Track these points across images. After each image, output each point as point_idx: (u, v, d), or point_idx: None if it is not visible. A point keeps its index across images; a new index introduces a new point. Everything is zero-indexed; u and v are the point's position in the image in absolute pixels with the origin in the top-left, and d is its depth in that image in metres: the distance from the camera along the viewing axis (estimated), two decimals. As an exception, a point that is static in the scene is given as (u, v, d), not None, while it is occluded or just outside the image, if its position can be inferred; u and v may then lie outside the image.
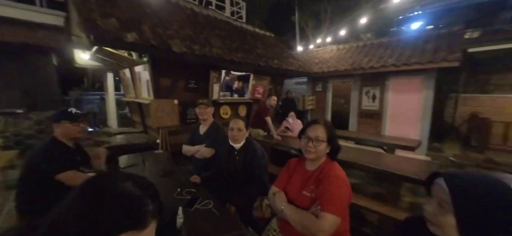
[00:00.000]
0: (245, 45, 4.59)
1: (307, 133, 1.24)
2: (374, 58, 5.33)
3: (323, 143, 1.18)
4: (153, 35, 2.85)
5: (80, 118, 1.66)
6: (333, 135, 1.22)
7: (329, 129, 1.22)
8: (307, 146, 1.20)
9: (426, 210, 0.61)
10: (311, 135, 1.20)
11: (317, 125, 1.23)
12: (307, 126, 1.28)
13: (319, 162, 1.23)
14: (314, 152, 1.19)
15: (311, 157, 1.21)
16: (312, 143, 1.19)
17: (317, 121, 1.26)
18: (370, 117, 5.87)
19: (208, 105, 2.25)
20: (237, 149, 1.82)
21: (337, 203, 1.03)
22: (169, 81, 3.60)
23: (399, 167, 2.34)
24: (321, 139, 1.18)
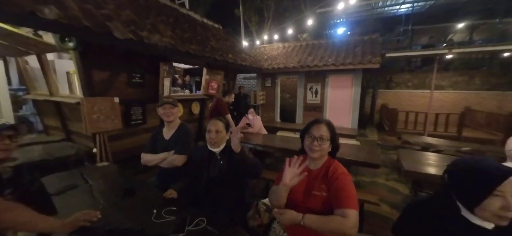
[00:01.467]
0: (198, 37, 4.19)
1: (311, 132, 1.23)
2: (317, 58, 5.95)
3: (327, 141, 1.20)
4: (82, 14, 2.17)
5: (5, 131, 1.19)
6: (334, 134, 1.25)
7: (331, 128, 1.25)
8: (312, 145, 1.21)
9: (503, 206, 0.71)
10: (316, 134, 1.21)
11: (320, 124, 1.24)
12: (310, 125, 1.27)
13: (322, 160, 1.25)
14: (319, 150, 1.20)
15: (316, 156, 1.22)
16: (317, 142, 1.19)
17: (320, 120, 1.27)
18: (314, 110, 6.57)
19: (174, 105, 1.92)
20: (218, 153, 1.63)
21: (354, 198, 1.08)
22: (105, 75, 2.87)
23: (355, 154, 2.72)
24: (325, 138, 1.20)
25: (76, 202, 1.50)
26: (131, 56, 3.04)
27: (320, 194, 1.17)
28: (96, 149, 2.78)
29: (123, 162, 3.28)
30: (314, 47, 6.74)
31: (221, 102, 3.81)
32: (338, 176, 1.15)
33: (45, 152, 2.64)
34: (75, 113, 3.12)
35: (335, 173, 1.17)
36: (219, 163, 1.61)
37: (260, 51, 7.62)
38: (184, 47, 3.27)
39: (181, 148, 1.86)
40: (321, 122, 1.25)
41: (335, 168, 1.20)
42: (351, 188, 1.12)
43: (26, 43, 2.66)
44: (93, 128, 2.67)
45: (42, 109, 3.93)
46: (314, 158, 1.24)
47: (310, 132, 1.24)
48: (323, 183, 1.19)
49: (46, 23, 1.81)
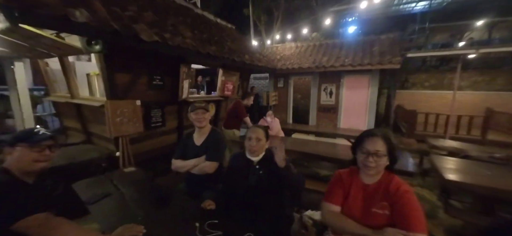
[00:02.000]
0: (215, 37, 4.13)
1: (364, 146, 1.13)
2: (333, 58, 5.81)
3: (383, 157, 1.10)
4: (110, 16, 2.13)
5: (45, 141, 1.14)
6: (393, 147, 1.14)
7: (388, 141, 1.13)
8: (367, 161, 1.11)
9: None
10: (370, 149, 1.11)
11: (375, 138, 1.13)
12: (363, 137, 1.17)
13: (379, 175, 1.15)
14: (375, 167, 1.10)
15: (372, 173, 1.13)
16: (372, 157, 1.09)
17: (375, 133, 1.15)
18: (328, 111, 6.44)
19: (206, 110, 1.85)
20: (256, 161, 1.55)
21: (423, 221, 0.98)
22: (127, 77, 2.84)
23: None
24: (381, 154, 1.10)
25: (112, 212, 1.46)
26: (152, 58, 3.00)
27: (383, 213, 1.07)
28: (119, 152, 2.75)
29: (143, 165, 3.25)
30: (328, 47, 6.59)
31: (240, 104, 3.75)
32: (403, 194, 1.06)
33: (67, 155, 2.62)
34: (96, 115, 3.10)
35: (398, 190, 1.08)
36: (258, 172, 1.53)
37: (272, 51, 7.52)
38: (205, 49, 3.21)
39: (213, 154, 1.80)
40: (376, 135, 1.13)
41: (397, 184, 1.11)
42: (419, 209, 1.02)
43: (50, 45, 2.64)
44: (117, 131, 2.64)
45: (62, 111, 3.95)
46: (369, 175, 1.15)
47: (363, 146, 1.14)
48: (384, 200, 1.10)
49: (77, 26, 1.77)
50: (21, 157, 1.11)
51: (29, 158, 1.11)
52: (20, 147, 1.11)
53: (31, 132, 1.17)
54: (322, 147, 3.44)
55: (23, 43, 2.74)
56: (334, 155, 2.95)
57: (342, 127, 6.14)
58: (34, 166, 1.13)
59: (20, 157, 1.10)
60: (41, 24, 1.59)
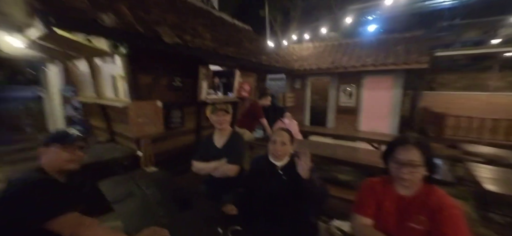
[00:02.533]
0: (233, 38, 4.14)
1: (396, 156, 1.02)
2: (353, 58, 5.59)
3: (419, 167, 0.98)
4: (135, 20, 2.18)
5: (77, 141, 1.19)
6: (430, 155, 1.02)
7: (424, 149, 1.00)
8: (400, 172, 0.99)
9: None
10: (402, 158, 0.99)
11: (408, 146, 1.00)
12: (394, 145, 1.05)
13: (416, 186, 1.04)
14: (409, 179, 0.99)
15: (407, 185, 1.02)
16: (406, 168, 0.98)
17: (407, 140, 1.02)
18: (347, 113, 6.20)
19: (227, 111, 1.83)
20: (279, 166, 1.49)
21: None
22: (149, 79, 2.91)
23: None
24: (416, 164, 0.98)
25: (136, 211, 1.48)
26: (172, 60, 3.06)
27: (420, 228, 0.96)
28: (140, 152, 2.83)
29: (163, 164, 3.32)
30: (348, 47, 6.35)
31: (256, 105, 3.71)
32: (447, 210, 0.94)
33: (94, 154, 2.74)
34: (120, 115, 3.22)
35: (441, 205, 0.96)
36: (282, 178, 1.47)
37: (289, 52, 7.40)
38: (223, 50, 3.21)
39: (234, 157, 1.77)
40: (409, 142, 1.00)
41: (440, 197, 0.99)
42: (465, 230, 0.90)
43: (80, 49, 2.78)
44: (139, 131, 2.71)
45: (88, 111, 4.16)
46: (404, 186, 1.04)
47: (395, 156, 1.02)
48: (423, 213, 0.99)
49: (105, 30, 1.84)
50: (55, 156, 1.15)
51: (62, 157, 1.15)
52: (54, 147, 1.15)
53: (64, 132, 1.21)
54: (341, 151, 3.31)
55: (57, 47, 2.92)
56: (355, 159, 2.82)
57: (363, 130, 5.88)
58: (66, 165, 1.17)
59: (53, 157, 1.14)
60: (73, 28, 1.66)
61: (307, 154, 1.31)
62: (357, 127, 6.12)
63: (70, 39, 2.50)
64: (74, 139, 1.19)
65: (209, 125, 4.22)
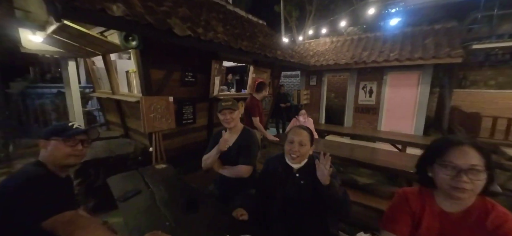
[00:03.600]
0: (246, 33, 3.99)
1: (450, 160, 0.78)
2: (375, 52, 5.21)
3: (481, 173, 0.76)
4: (145, 10, 2.11)
5: (78, 135, 1.10)
6: (490, 160, 0.80)
7: (484, 152, 0.78)
8: (457, 182, 0.76)
9: None
10: (461, 164, 0.75)
11: (466, 148, 0.77)
12: (442, 147, 0.83)
13: (470, 200, 0.82)
14: (471, 189, 0.77)
15: (465, 197, 0.79)
16: (467, 176, 0.76)
17: (462, 140, 0.80)
18: (367, 112, 5.83)
19: (233, 109, 1.68)
20: (296, 169, 1.32)
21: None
22: (161, 74, 2.86)
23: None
24: (480, 169, 0.76)
25: (141, 211, 1.39)
26: (184, 54, 2.98)
27: None
28: (152, 148, 2.78)
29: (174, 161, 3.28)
30: (369, 41, 5.95)
31: (254, 102, 3.14)
32: None
33: (108, 148, 2.74)
34: (133, 111, 3.22)
35: (502, 225, 0.74)
36: (299, 182, 1.30)
37: (305, 47, 7.13)
38: (237, 44, 3.08)
39: (247, 157, 1.62)
40: (465, 143, 0.78)
41: (501, 215, 0.76)
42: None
43: (94, 43, 2.79)
44: (150, 127, 2.67)
45: (105, 106, 4.25)
46: (459, 199, 0.82)
47: (448, 159, 0.78)
48: (476, 234, 0.78)
49: (114, 20, 1.77)
50: (55, 150, 1.07)
51: (62, 152, 1.08)
52: (54, 140, 1.08)
53: (65, 126, 1.13)
54: (359, 151, 3.06)
55: (73, 42, 2.95)
56: (376, 162, 2.57)
57: (383, 130, 5.50)
58: (66, 160, 1.10)
59: (54, 151, 1.07)
60: (80, 17, 1.61)
61: (328, 156, 1.14)
62: (377, 126, 5.74)
63: (84, 33, 2.50)
64: (75, 133, 1.11)
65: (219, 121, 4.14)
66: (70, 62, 4.48)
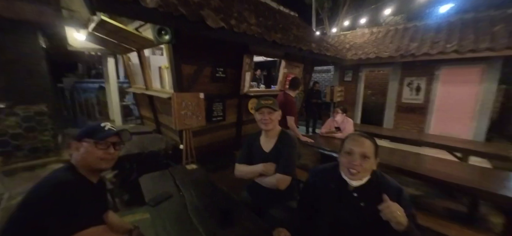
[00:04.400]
0: (279, 25, 3.72)
1: None
2: (426, 43, 4.51)
3: None
4: (178, 1, 1.99)
5: (110, 137, 1.01)
6: None
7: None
8: None
9: None
10: None
11: None
12: None
13: None
14: None
15: None
16: None
17: None
18: (412, 112, 5.15)
19: (274, 109, 1.46)
20: (354, 186, 1.06)
21: None
22: (192, 69, 2.77)
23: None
24: None
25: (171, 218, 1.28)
26: (215, 49, 2.85)
27: None
28: (182, 145, 2.73)
29: (203, 158, 3.22)
30: (418, 31, 5.20)
31: (289, 99, 2.91)
32: None
33: (140, 144, 2.76)
34: (165, 107, 3.22)
35: None
36: (357, 204, 1.04)
37: (340, 39, 6.57)
38: (271, 36, 2.85)
39: (286, 166, 1.40)
40: None
41: None
42: None
43: (130, 39, 2.81)
44: (181, 124, 2.61)
45: (139, 101, 4.39)
46: None
47: None
48: None
49: (147, 12, 1.68)
50: (87, 153, 0.99)
51: (94, 155, 0.99)
52: (86, 142, 0.99)
53: (98, 127, 1.04)
54: (400, 157, 2.61)
55: (111, 39, 3.03)
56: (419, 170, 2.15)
57: (433, 133, 4.79)
58: (98, 164, 1.01)
59: (85, 154, 0.99)
60: (114, 9, 1.54)
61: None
62: (424, 129, 5.04)
63: (120, 28, 2.51)
64: (107, 135, 1.01)
65: (250, 119, 3.99)
66: (109, 58, 4.74)
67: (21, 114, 3.62)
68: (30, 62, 3.57)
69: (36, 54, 3.66)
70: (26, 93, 3.61)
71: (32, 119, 3.70)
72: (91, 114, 6.50)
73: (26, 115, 3.65)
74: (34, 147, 3.76)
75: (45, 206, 0.82)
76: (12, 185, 2.95)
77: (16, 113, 3.57)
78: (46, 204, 0.82)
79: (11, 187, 2.89)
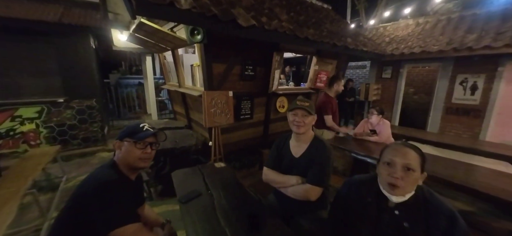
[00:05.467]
0: (312, 19, 3.54)
1: None
2: (488, 35, 3.85)
3: None
4: (210, 2, 2.01)
5: (148, 137, 1.08)
6: None
7: None
8: None
9: None
10: None
11: None
12: None
13: None
14: None
15: None
16: None
17: None
18: (465, 114, 4.48)
19: (309, 112, 1.36)
20: (396, 203, 0.93)
21: None
22: (222, 68, 2.80)
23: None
24: None
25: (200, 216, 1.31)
26: (245, 47, 2.83)
27: None
28: (211, 142, 2.81)
29: (230, 155, 3.27)
30: (477, 20, 4.46)
31: (327, 98, 2.95)
32: None
33: (173, 139, 2.91)
34: (196, 104, 3.34)
35: None
36: (399, 223, 0.92)
37: (379, 33, 6.02)
38: (303, 33, 2.72)
39: (317, 175, 1.31)
40: None
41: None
42: None
43: (165, 39, 2.96)
44: (211, 122, 2.67)
45: (172, 97, 4.65)
46: None
47: None
48: None
49: (181, 13, 1.72)
50: (127, 152, 1.07)
51: (133, 155, 1.07)
52: (127, 141, 1.06)
53: (137, 127, 1.11)
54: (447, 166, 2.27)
55: (149, 39, 3.23)
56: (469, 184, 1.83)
57: (490, 140, 4.10)
58: (137, 163, 1.08)
59: (126, 153, 1.07)
60: (152, 12, 1.62)
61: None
62: (479, 134, 4.35)
63: (157, 29, 2.65)
64: (145, 135, 1.07)
65: (278, 117, 3.91)
66: (147, 57, 5.09)
67: (76, 108, 4.12)
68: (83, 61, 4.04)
69: (89, 54, 4.12)
70: (80, 89, 4.10)
71: (84, 112, 4.20)
72: (132, 108, 7.15)
73: (79, 108, 4.15)
74: (86, 136, 4.28)
75: (91, 202, 0.89)
76: (68, 169, 3.41)
77: (72, 106, 4.09)
78: (91, 201, 0.90)
79: (68, 171, 3.34)
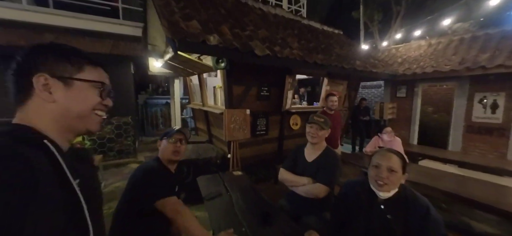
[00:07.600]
0: (321, 45, 3.90)
1: None
2: (502, 53, 3.88)
3: None
4: (233, 37, 2.45)
5: (176, 135, 1.41)
6: None
7: None
8: None
9: None
10: None
11: None
12: None
13: None
14: None
15: None
16: None
17: None
18: (488, 133, 4.36)
19: (322, 127, 1.67)
20: (383, 198, 1.15)
21: None
22: (241, 89, 3.20)
23: None
24: None
25: (220, 212, 1.60)
26: (261, 72, 3.22)
27: None
28: (230, 154, 3.13)
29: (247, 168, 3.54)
30: (490, 39, 4.49)
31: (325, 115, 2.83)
32: None
33: (196, 152, 3.28)
34: (217, 121, 3.74)
35: None
36: (384, 216, 1.13)
37: (391, 53, 6.18)
38: (311, 58, 3.06)
39: (326, 177, 1.56)
40: None
41: None
42: None
43: (194, 66, 3.47)
44: (230, 136, 3.02)
45: (196, 115, 5.15)
46: None
47: None
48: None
49: (211, 48, 2.16)
50: (164, 147, 1.41)
51: (168, 149, 1.40)
52: (164, 139, 1.42)
53: (169, 129, 1.48)
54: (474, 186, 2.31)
55: (180, 66, 3.79)
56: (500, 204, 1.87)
57: (518, 160, 3.94)
58: (171, 156, 1.41)
59: (163, 149, 1.42)
60: (189, 49, 2.06)
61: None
62: (507, 153, 4.17)
63: (188, 58, 3.17)
64: (173, 132, 1.42)
65: (292, 134, 4.17)
66: (176, 80, 5.75)
67: (115, 123, 4.75)
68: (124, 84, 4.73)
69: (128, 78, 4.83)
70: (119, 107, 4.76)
71: (121, 127, 4.81)
72: (156, 125, 7.84)
73: (117, 124, 4.77)
74: (120, 149, 4.85)
75: (140, 183, 1.25)
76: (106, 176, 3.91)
77: (111, 122, 4.73)
78: (140, 181, 1.25)
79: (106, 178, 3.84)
